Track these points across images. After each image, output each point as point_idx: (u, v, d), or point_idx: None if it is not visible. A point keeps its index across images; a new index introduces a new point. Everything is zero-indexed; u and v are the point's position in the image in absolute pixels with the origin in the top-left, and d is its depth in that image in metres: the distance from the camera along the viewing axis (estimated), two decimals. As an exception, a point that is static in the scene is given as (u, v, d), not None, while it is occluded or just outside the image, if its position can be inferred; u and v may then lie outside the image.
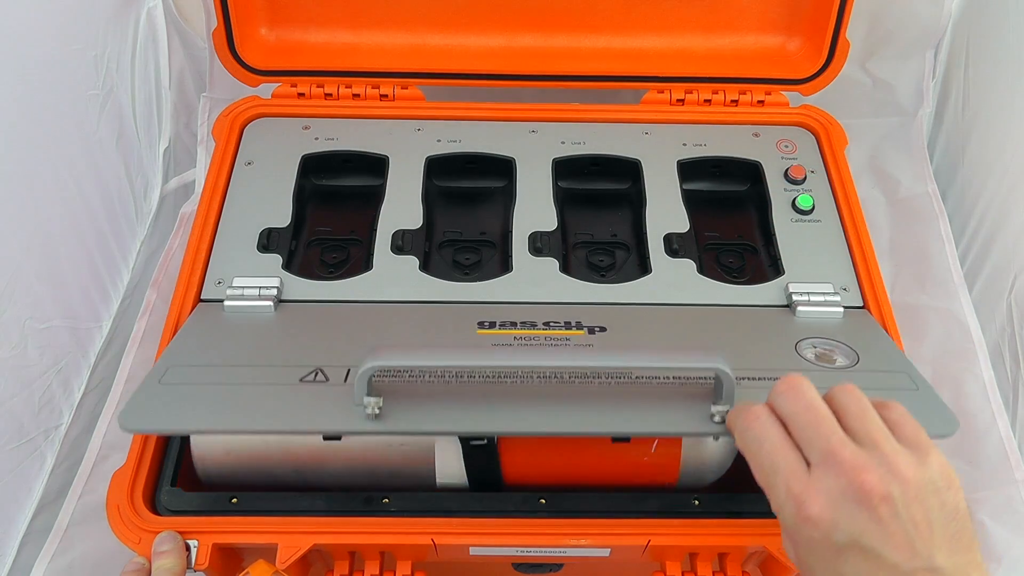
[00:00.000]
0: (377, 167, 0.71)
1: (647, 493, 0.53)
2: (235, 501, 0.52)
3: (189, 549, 0.50)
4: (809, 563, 0.42)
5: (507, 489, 0.54)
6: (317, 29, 0.77)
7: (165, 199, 0.89)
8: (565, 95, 0.78)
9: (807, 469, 0.42)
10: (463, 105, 0.76)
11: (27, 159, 0.65)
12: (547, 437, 0.53)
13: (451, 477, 0.53)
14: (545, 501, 0.52)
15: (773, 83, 0.76)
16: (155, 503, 0.53)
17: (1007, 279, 0.75)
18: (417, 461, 0.53)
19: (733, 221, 0.72)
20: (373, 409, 0.48)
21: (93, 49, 0.74)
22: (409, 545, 0.51)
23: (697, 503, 0.53)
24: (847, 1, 0.72)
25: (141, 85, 0.83)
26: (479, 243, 0.69)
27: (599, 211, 0.72)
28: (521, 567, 0.57)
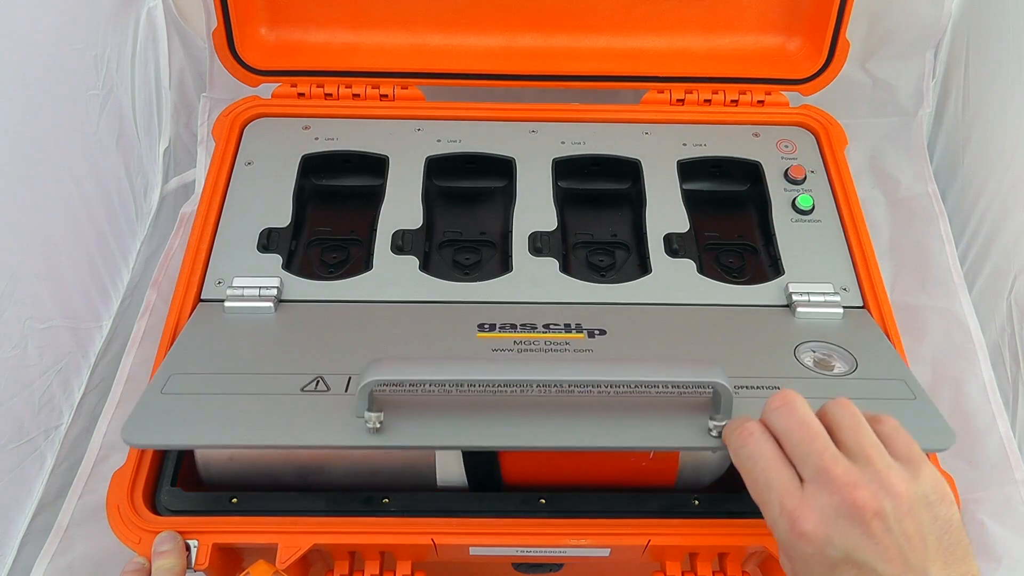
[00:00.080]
0: (377, 167, 0.71)
1: (647, 493, 0.53)
2: (235, 501, 0.52)
3: (189, 549, 0.50)
4: None
5: (507, 489, 0.54)
6: (317, 29, 0.77)
7: (165, 199, 0.89)
8: (565, 95, 0.78)
9: (800, 485, 0.42)
10: (463, 105, 0.76)
11: (27, 159, 0.65)
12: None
13: (451, 478, 0.53)
14: (545, 501, 0.52)
15: (773, 83, 0.76)
16: (155, 503, 0.53)
17: (1007, 279, 0.75)
18: (417, 462, 0.53)
19: (733, 221, 0.72)
20: (374, 424, 0.48)
21: (93, 49, 0.74)
22: (409, 545, 0.51)
23: (697, 503, 0.53)
24: (847, 1, 0.72)
25: (141, 85, 0.83)
26: (479, 243, 0.69)
27: (599, 211, 0.72)
28: (521, 567, 0.57)
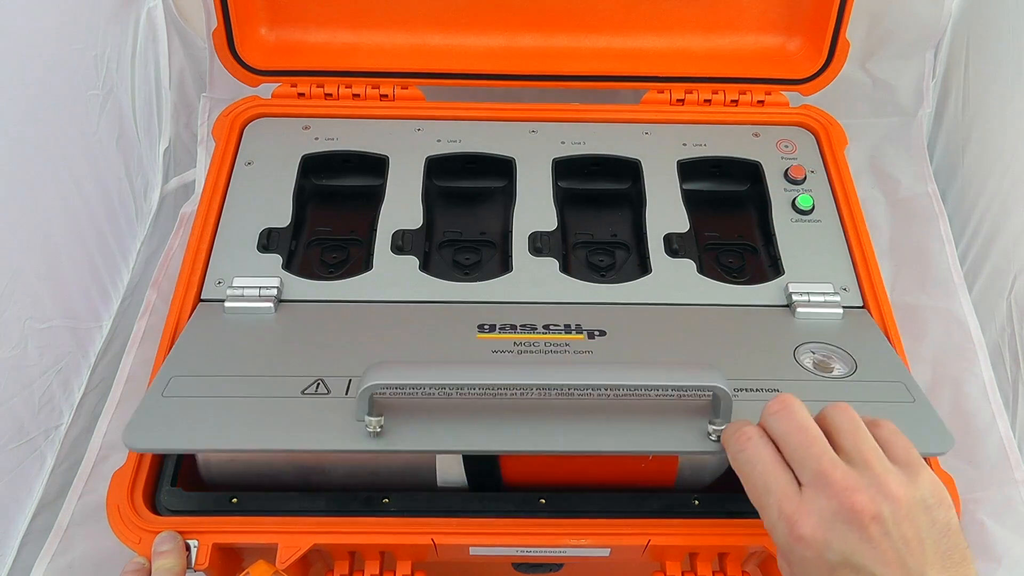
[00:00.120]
0: (377, 167, 0.71)
1: (647, 493, 0.53)
2: (235, 501, 0.52)
3: (189, 549, 0.50)
4: None
5: (507, 489, 0.54)
6: (317, 29, 0.77)
7: (165, 199, 0.89)
8: (565, 95, 0.78)
9: (799, 490, 0.43)
10: (463, 105, 0.76)
11: (27, 159, 0.65)
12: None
13: (451, 478, 0.53)
14: (545, 501, 0.52)
15: (773, 83, 0.76)
16: (155, 503, 0.53)
17: (1007, 279, 0.75)
18: (418, 463, 0.53)
19: (733, 221, 0.72)
20: (375, 428, 0.48)
21: (93, 49, 0.74)
22: (409, 545, 0.51)
23: (697, 503, 0.53)
24: (847, 1, 0.72)
25: (141, 85, 0.83)
26: (479, 243, 0.69)
27: (599, 211, 0.72)
28: (521, 567, 0.57)
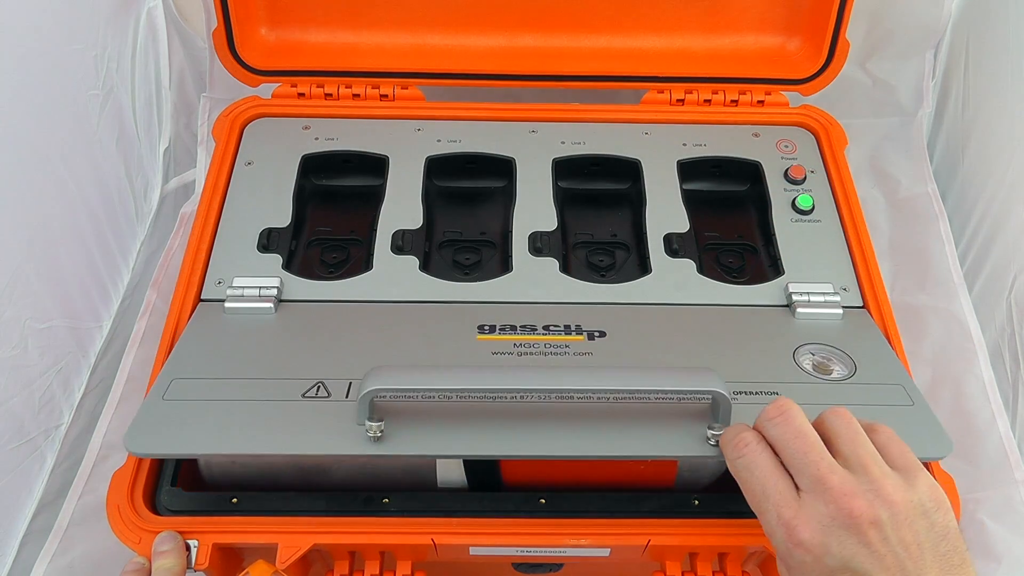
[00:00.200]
0: (377, 167, 0.71)
1: (647, 493, 0.53)
2: (235, 501, 0.52)
3: (189, 549, 0.50)
4: None
5: (507, 489, 0.54)
6: (317, 29, 0.77)
7: (165, 199, 0.89)
8: (565, 95, 0.78)
9: (797, 495, 0.43)
10: (463, 105, 0.76)
11: (27, 159, 0.65)
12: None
13: (451, 478, 0.53)
14: (545, 501, 0.52)
15: (773, 83, 0.76)
16: (155, 503, 0.53)
17: (1007, 279, 0.75)
18: (418, 464, 0.53)
19: (733, 221, 0.72)
20: (375, 433, 0.48)
21: (93, 49, 0.74)
22: (409, 545, 0.51)
23: (697, 503, 0.53)
24: (847, 1, 0.72)
25: (141, 85, 0.83)
26: (479, 243, 0.69)
27: (599, 211, 0.72)
28: (521, 567, 0.57)
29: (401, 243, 0.65)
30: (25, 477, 0.66)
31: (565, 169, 0.72)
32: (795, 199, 0.69)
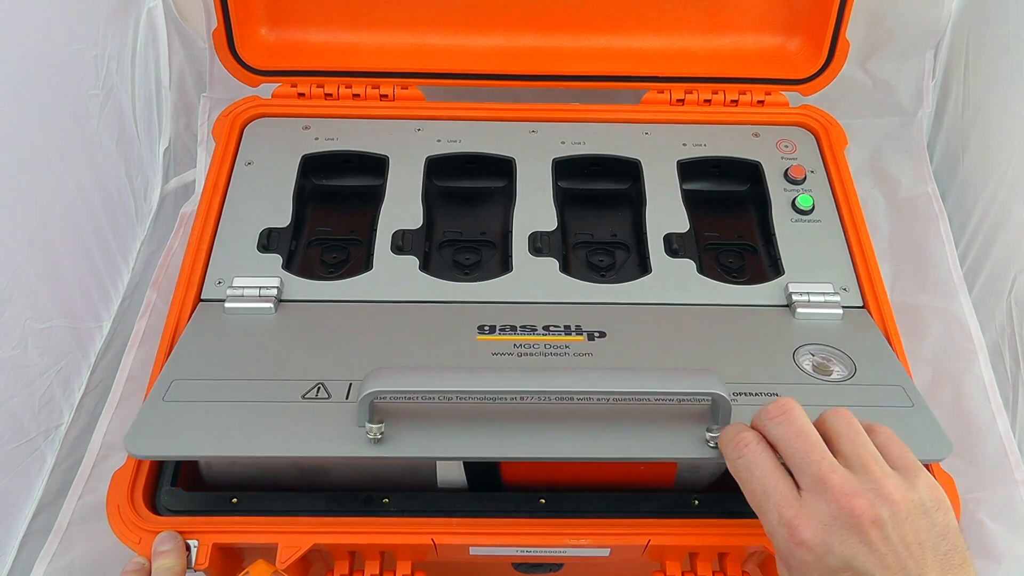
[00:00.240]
0: (377, 167, 0.71)
1: (647, 493, 0.53)
2: (235, 501, 0.52)
3: (189, 549, 0.50)
4: None
5: (507, 489, 0.54)
6: (317, 29, 0.77)
7: (165, 199, 0.89)
8: (565, 95, 0.78)
9: (798, 494, 0.43)
10: (463, 105, 0.76)
11: (27, 159, 0.65)
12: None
13: (451, 478, 0.53)
14: (545, 501, 0.52)
15: (773, 83, 0.76)
16: (155, 503, 0.53)
17: (1007, 279, 0.75)
18: (418, 465, 0.53)
19: (733, 221, 0.72)
20: (375, 435, 0.48)
21: (93, 49, 0.74)
22: (409, 545, 0.51)
23: (697, 503, 0.53)
24: (847, 1, 0.72)
25: (141, 85, 0.83)
26: (479, 243, 0.69)
27: (599, 211, 0.72)
28: (521, 567, 0.57)
29: (401, 243, 0.65)
30: (25, 477, 0.66)
31: (565, 169, 0.72)
32: (795, 199, 0.69)
